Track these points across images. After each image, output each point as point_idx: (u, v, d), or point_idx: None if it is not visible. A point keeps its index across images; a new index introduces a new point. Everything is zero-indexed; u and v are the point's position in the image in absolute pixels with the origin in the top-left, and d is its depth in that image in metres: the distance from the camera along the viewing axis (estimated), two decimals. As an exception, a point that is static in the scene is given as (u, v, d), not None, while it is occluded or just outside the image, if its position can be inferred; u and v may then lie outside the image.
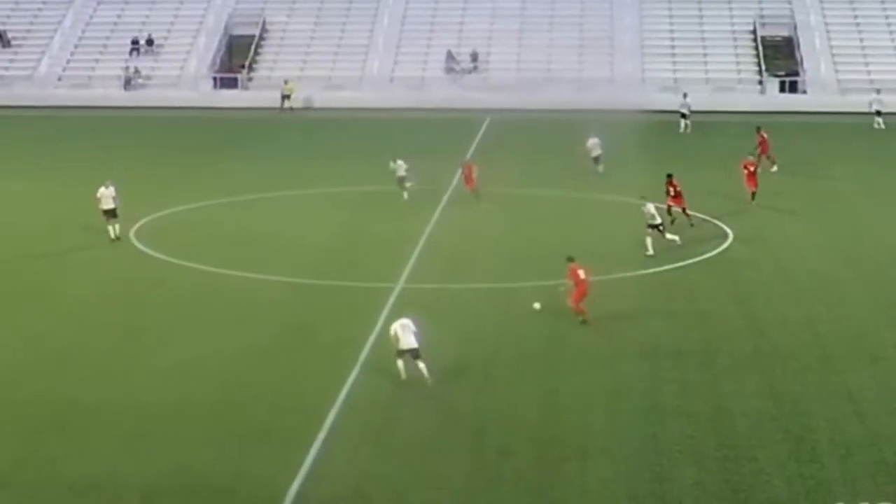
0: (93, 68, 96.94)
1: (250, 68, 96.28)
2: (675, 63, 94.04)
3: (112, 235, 46.21)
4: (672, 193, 48.49)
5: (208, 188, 56.81)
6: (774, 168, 61.04)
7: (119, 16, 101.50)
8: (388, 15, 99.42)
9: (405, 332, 31.19)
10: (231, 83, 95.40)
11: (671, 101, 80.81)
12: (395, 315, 34.07)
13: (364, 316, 36.39)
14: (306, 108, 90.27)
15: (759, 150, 60.15)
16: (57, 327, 36.51)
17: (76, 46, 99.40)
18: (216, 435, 27.92)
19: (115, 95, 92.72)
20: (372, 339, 34.33)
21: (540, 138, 73.12)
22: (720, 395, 30.43)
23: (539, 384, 31.31)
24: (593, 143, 60.95)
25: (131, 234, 47.37)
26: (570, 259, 36.67)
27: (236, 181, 58.96)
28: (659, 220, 44.74)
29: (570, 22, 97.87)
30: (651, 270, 42.51)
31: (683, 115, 77.26)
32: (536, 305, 37.08)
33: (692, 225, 48.10)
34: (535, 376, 31.91)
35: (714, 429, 28.23)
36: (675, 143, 73.42)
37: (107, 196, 46.40)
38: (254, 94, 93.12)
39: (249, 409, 29.50)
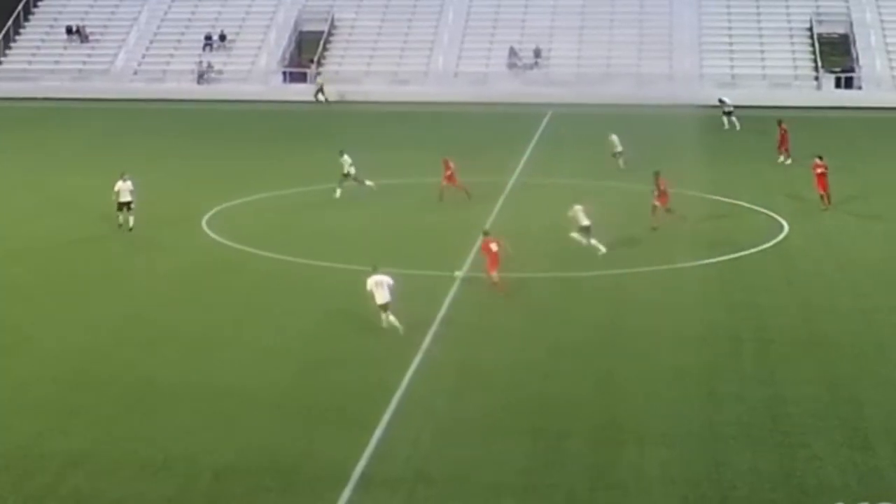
0: (167, 63, 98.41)
1: (319, 63, 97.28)
2: (732, 59, 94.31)
3: (120, 222, 47.01)
4: (657, 191, 47.15)
5: (278, 179, 57.48)
6: (789, 161, 61.57)
7: (193, 12, 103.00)
8: (453, 11, 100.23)
9: (380, 288, 33.78)
10: (300, 78, 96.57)
11: (729, 97, 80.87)
12: (458, 302, 34.98)
13: (427, 303, 36.86)
14: (340, 101, 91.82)
15: (779, 143, 60.92)
16: (133, 311, 37.12)
17: (151, 42, 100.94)
18: (285, 416, 28.36)
19: (189, 89, 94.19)
20: (435, 325, 34.80)
21: (600, 132, 73.34)
22: (775, 382, 30.66)
23: (598, 370, 31.63)
24: (613, 140, 61.25)
25: (203, 224, 48.32)
26: (486, 233, 39.16)
27: (303, 172, 59.65)
28: (587, 223, 43.33)
29: (630, 19, 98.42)
30: (708, 261, 42.80)
31: (728, 113, 76.97)
32: (457, 273, 38.98)
33: (684, 218, 47.37)
34: (595, 362, 32.22)
35: (769, 415, 28.38)
36: (730, 138, 73.60)
37: (124, 189, 47.11)
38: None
39: (317, 392, 30.05)
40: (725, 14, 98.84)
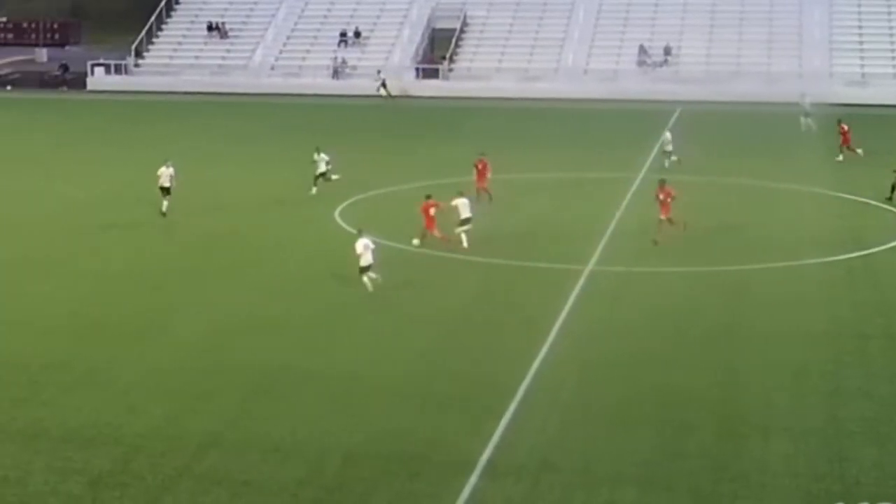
0: (303, 58, 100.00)
1: (451, 60, 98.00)
2: (863, 58, 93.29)
3: (163, 209, 48.62)
4: (661, 199, 44.15)
5: (409, 172, 58.10)
6: (840, 157, 61.71)
7: (329, 9, 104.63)
8: (584, 9, 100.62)
9: (366, 251, 37.27)
10: (432, 74, 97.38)
11: (859, 96, 79.96)
12: (585, 295, 35.26)
13: (555, 296, 37.19)
14: (404, 96, 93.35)
15: (841, 142, 60.38)
16: (268, 297, 37.93)
17: (288, 38, 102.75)
18: (413, 403, 28.77)
19: (324, 84, 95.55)
20: (562, 318, 35.05)
21: (729, 129, 73.33)
22: (902, 379, 30.37)
23: (722, 363, 31.65)
24: (666, 138, 60.62)
25: (336, 214, 49.09)
26: (427, 196, 42.62)
27: (434, 166, 60.17)
28: (468, 215, 43.45)
29: (760, 17, 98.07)
30: (835, 258, 42.62)
31: (806, 115, 75.46)
32: (415, 242, 41.65)
33: (684, 227, 44.30)
34: (719, 355, 32.26)
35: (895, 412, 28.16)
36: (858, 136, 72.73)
37: (165, 175, 48.59)
38: (454, 85, 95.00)
39: (445, 380, 30.41)
40: (856, 12, 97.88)
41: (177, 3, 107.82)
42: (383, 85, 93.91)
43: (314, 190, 53.24)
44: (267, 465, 25.45)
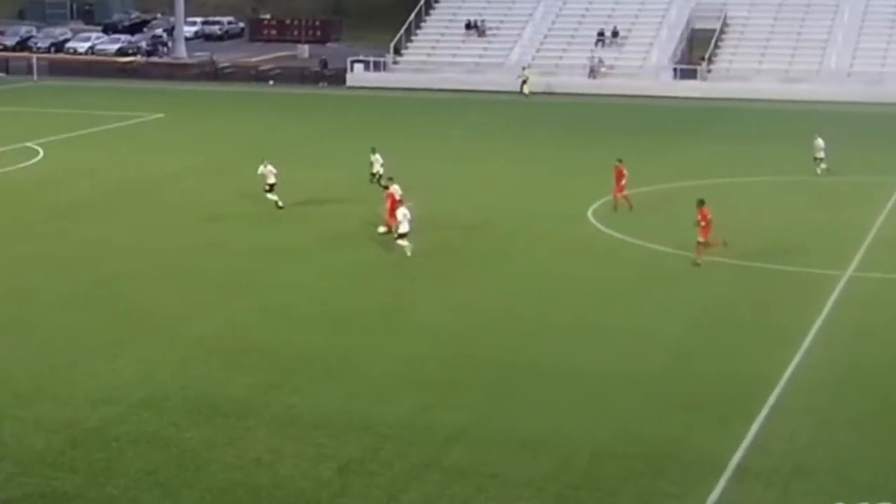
0: (560, 57, 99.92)
1: (710, 60, 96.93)
2: None
3: (275, 201, 49.56)
4: (700, 222, 40.74)
5: (664, 172, 57.46)
6: None
7: (587, 9, 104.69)
8: (849, 10, 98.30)
9: (405, 220, 40.57)
10: (690, 74, 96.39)
11: None
12: (843, 301, 34.76)
13: (811, 301, 36.56)
14: (546, 93, 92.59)
15: None
16: (518, 292, 38.08)
17: (545, 37, 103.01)
18: (660, 403, 28.61)
19: (580, 83, 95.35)
20: (818, 323, 34.43)
21: None
22: None
23: None
24: (818, 145, 57.50)
25: (589, 213, 48.82)
26: (388, 185, 44.53)
27: (690, 166, 59.60)
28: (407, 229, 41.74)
29: None
30: None
31: None
32: (381, 229, 42.69)
33: (697, 264, 40.84)
34: None
35: None
36: None
37: (267, 173, 49.76)
38: (712, 86, 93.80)
39: (694, 381, 30.16)
40: None
41: (436, 1, 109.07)
42: (525, 83, 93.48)
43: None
44: (513, 460, 25.57)
